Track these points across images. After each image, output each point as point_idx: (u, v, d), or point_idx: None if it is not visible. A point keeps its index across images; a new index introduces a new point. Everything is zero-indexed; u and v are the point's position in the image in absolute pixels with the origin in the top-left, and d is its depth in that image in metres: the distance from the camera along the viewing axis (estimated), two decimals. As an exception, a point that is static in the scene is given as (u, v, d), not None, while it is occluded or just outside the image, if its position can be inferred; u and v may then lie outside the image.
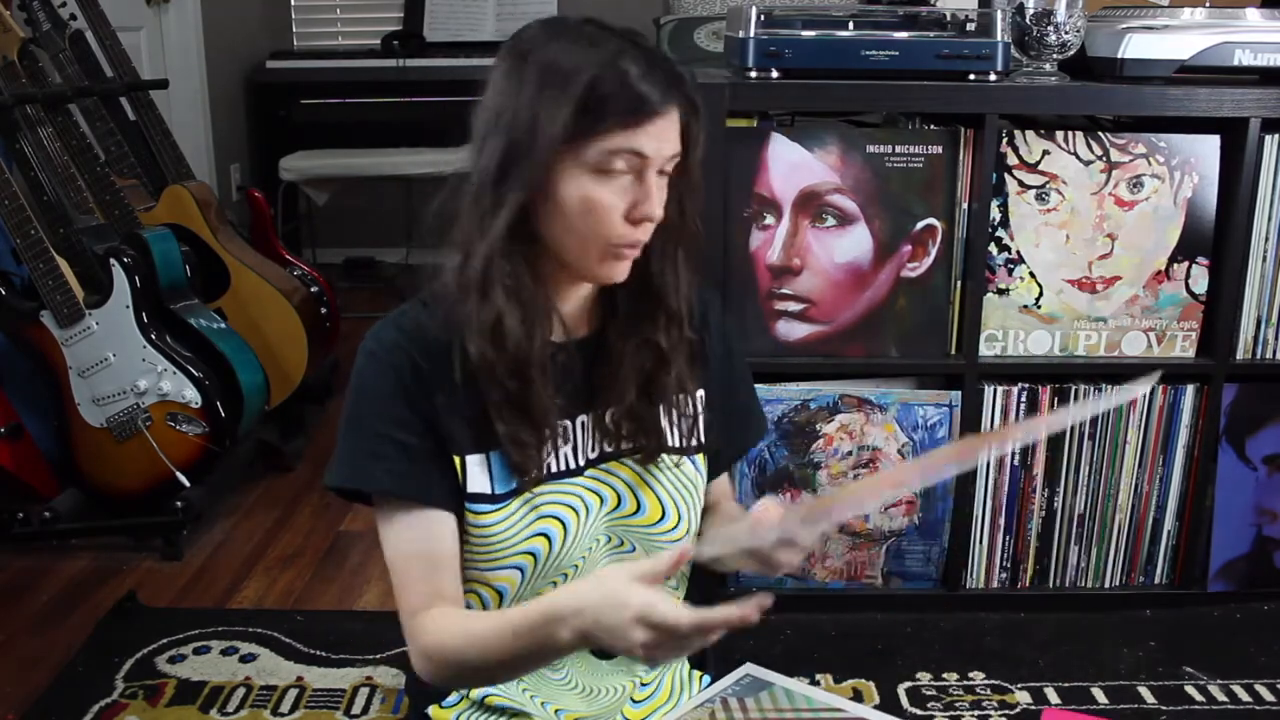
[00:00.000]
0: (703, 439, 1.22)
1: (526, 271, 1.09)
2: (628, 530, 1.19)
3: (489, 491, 1.12)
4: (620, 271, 1.10)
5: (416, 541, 1.11)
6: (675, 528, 1.20)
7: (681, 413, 1.20)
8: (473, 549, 1.15)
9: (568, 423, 1.15)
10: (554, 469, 1.15)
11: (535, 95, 1.04)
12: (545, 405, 1.10)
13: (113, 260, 2.35)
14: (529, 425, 1.10)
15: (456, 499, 1.13)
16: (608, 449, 1.17)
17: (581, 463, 1.17)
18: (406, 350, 1.11)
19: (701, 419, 1.22)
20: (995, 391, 2.00)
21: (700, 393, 1.22)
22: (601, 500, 1.18)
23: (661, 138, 1.05)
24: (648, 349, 1.15)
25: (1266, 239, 1.95)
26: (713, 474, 1.28)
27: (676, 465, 1.20)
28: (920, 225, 1.93)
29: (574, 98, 1.02)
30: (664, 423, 1.18)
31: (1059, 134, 1.92)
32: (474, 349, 1.08)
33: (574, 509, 1.15)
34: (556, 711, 1.21)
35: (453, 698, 1.23)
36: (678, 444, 1.20)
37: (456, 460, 1.12)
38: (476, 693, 1.21)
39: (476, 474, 1.12)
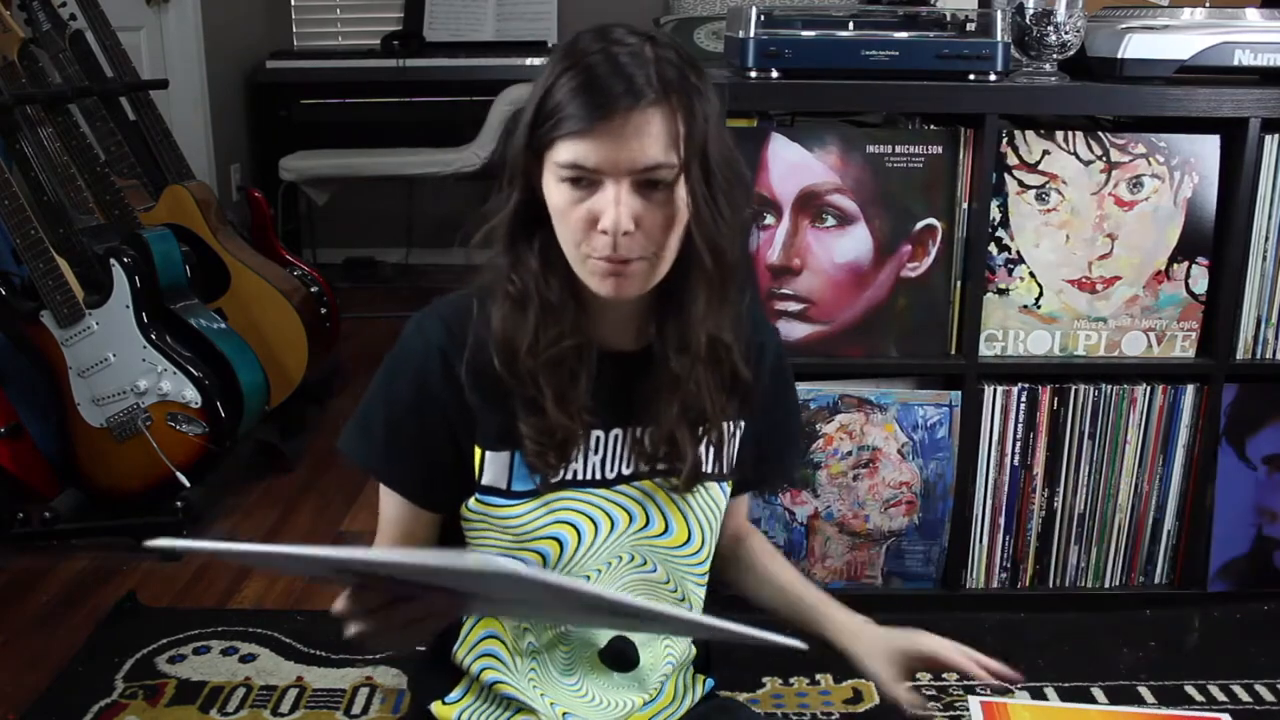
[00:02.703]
0: (733, 466, 1.21)
1: (544, 277, 1.07)
2: (652, 550, 1.19)
3: (504, 487, 1.13)
4: (614, 288, 1.04)
5: (398, 514, 1.19)
6: (699, 551, 1.20)
7: (721, 440, 1.17)
8: (483, 530, 1.15)
9: (600, 433, 1.14)
10: (580, 476, 1.14)
11: (524, 105, 1.05)
12: (560, 415, 1.08)
13: (113, 260, 2.35)
14: (545, 431, 1.09)
15: (448, 492, 1.15)
16: (642, 468, 1.16)
17: (611, 475, 1.15)
18: (443, 345, 1.11)
19: (736, 448, 1.21)
20: (995, 391, 2.00)
21: (741, 424, 1.20)
22: (630, 517, 1.17)
23: (621, 145, 0.99)
24: (689, 373, 1.11)
25: (1266, 239, 1.95)
26: (736, 494, 1.27)
27: (706, 490, 1.19)
28: (920, 225, 1.93)
29: (531, 106, 1.02)
30: (700, 449, 1.16)
31: (1059, 134, 1.92)
32: (492, 350, 1.09)
33: (593, 520, 1.15)
34: (564, 715, 1.21)
35: (456, 693, 1.23)
36: (710, 470, 1.18)
37: (478, 451, 1.12)
38: (487, 677, 1.21)
39: (494, 468, 1.13)
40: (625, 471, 1.15)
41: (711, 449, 1.17)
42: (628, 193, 1.00)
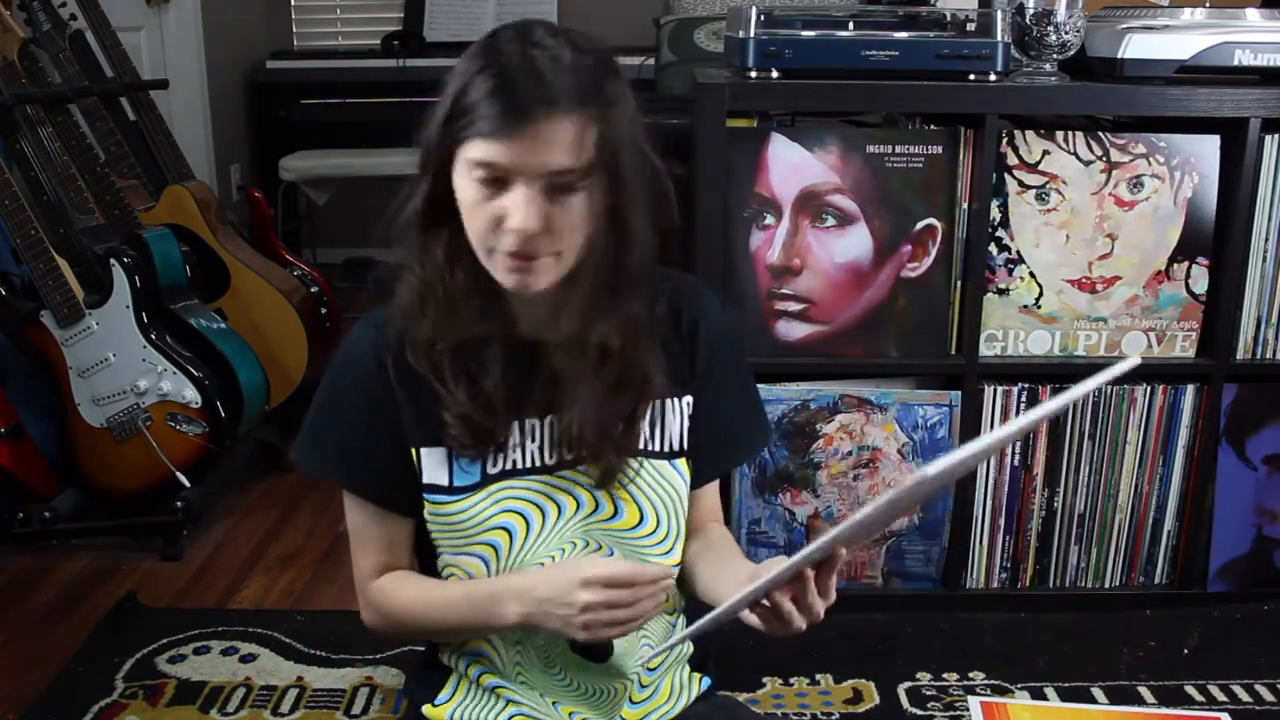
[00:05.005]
0: (685, 445, 1.21)
1: (450, 268, 1.10)
2: (606, 534, 1.19)
3: (446, 484, 1.14)
4: (520, 282, 1.06)
5: (369, 524, 1.21)
6: (655, 531, 1.20)
7: (657, 418, 1.19)
8: (438, 532, 1.17)
9: (535, 421, 1.16)
10: (520, 465, 1.15)
11: (440, 96, 1.07)
12: (470, 405, 1.11)
13: (113, 260, 2.35)
14: (461, 419, 1.11)
15: (405, 493, 1.16)
16: (566, 456, 1.17)
17: (551, 462, 1.17)
18: (376, 348, 1.14)
19: (683, 424, 1.21)
20: (995, 391, 2.00)
21: (687, 399, 1.21)
22: (578, 503, 1.17)
23: (533, 149, 1.00)
24: (608, 355, 1.13)
25: (1266, 239, 1.95)
26: (697, 483, 1.26)
27: (655, 469, 1.19)
28: (920, 225, 1.93)
29: (447, 100, 1.04)
30: (636, 428, 1.17)
31: (1059, 134, 1.92)
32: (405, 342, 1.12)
33: (539, 506, 1.16)
34: (554, 703, 1.22)
35: (446, 693, 1.24)
36: (657, 449, 1.19)
37: (413, 452, 1.14)
38: (474, 670, 1.21)
39: (433, 466, 1.14)
40: (567, 457, 1.17)
41: (652, 426, 1.18)
42: (538, 194, 1.02)
